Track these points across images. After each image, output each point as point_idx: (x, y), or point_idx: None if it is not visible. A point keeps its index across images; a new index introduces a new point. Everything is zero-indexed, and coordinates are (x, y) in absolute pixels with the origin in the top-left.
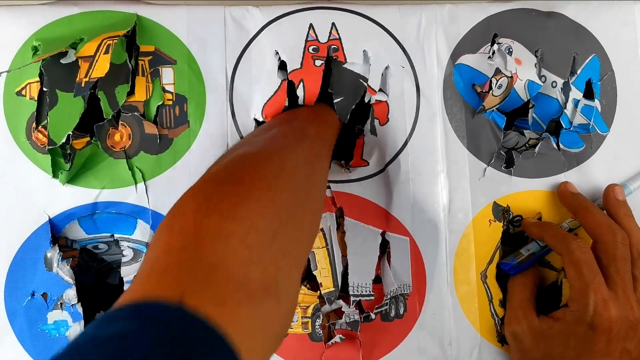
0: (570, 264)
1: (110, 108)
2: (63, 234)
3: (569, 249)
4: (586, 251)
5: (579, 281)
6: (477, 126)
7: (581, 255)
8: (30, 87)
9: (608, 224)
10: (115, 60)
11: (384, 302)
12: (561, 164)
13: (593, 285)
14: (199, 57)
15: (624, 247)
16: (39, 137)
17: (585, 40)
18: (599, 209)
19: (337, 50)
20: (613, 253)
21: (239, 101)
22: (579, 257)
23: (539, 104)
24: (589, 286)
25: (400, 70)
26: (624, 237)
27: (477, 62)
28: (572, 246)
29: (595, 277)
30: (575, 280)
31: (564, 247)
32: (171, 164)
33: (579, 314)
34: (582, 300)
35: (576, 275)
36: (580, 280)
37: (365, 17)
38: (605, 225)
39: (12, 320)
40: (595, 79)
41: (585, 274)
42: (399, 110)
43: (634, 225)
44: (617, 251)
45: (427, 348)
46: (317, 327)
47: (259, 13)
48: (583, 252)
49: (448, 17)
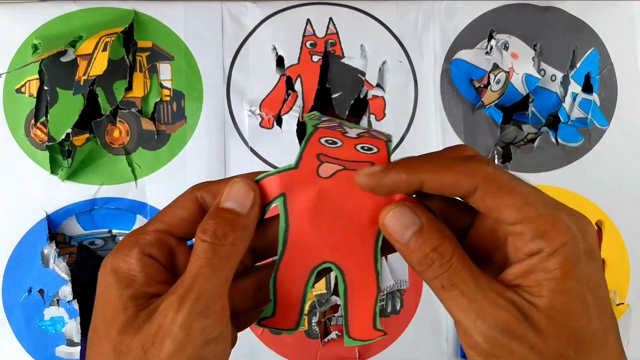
0: (503, 191)
1: (108, 104)
2: (60, 230)
3: (487, 173)
4: (499, 167)
5: (535, 208)
6: (475, 121)
7: (504, 173)
8: (30, 85)
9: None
10: (113, 56)
11: (381, 298)
12: (560, 159)
13: (557, 203)
14: (196, 53)
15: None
16: (38, 133)
17: (585, 34)
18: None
19: (334, 45)
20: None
21: (236, 97)
22: (507, 179)
23: (538, 98)
24: (558, 207)
25: (398, 65)
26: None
27: (475, 57)
28: (488, 169)
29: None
30: (526, 207)
31: (476, 176)
32: (169, 160)
33: (566, 247)
34: (558, 227)
35: (522, 201)
36: (535, 203)
37: (363, 12)
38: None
39: (9, 316)
40: (595, 72)
41: (533, 194)
42: (396, 105)
43: None
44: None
45: (424, 343)
46: (313, 324)
47: (256, 8)
48: (501, 170)
49: (445, 12)
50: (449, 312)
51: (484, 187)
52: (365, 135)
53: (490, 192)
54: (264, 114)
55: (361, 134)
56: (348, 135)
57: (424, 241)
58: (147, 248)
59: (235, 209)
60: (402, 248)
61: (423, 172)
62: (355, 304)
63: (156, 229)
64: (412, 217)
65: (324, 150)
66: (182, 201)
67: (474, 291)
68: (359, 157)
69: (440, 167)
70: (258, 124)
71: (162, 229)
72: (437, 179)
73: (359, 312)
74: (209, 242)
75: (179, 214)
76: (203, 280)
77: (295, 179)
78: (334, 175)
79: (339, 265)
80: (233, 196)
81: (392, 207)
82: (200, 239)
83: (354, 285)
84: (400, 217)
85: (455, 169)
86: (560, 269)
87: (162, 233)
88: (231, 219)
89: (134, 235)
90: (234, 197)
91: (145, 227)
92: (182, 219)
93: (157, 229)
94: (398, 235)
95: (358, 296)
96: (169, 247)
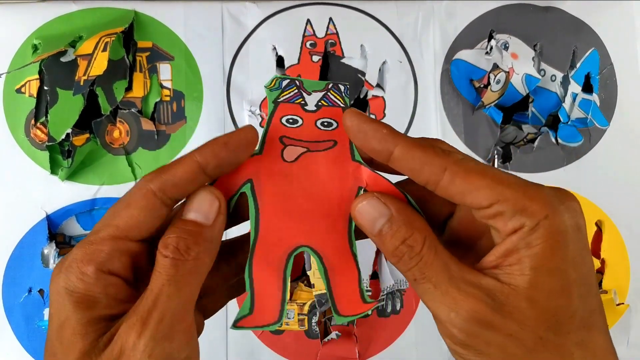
0: (473, 173)
1: (108, 104)
2: (60, 230)
3: (457, 159)
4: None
5: (510, 185)
6: (475, 121)
7: (474, 160)
8: (30, 85)
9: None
10: (113, 56)
11: (381, 298)
12: (560, 159)
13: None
14: (196, 53)
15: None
16: (38, 133)
17: (585, 34)
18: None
19: (334, 45)
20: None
21: (236, 97)
22: (476, 164)
23: (538, 98)
24: (536, 184)
25: (398, 65)
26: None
27: (475, 58)
28: (458, 155)
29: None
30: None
31: (446, 158)
32: (169, 160)
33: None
34: (538, 200)
35: (495, 181)
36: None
37: (363, 12)
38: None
39: (9, 316)
40: (595, 72)
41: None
42: (396, 105)
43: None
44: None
45: (424, 343)
46: (313, 324)
47: (256, 9)
48: (471, 158)
49: (445, 12)
50: (424, 303)
51: (453, 169)
52: (323, 104)
53: (459, 174)
54: (264, 114)
55: (319, 102)
56: (307, 108)
57: (394, 233)
58: (105, 264)
59: (199, 221)
60: (374, 239)
61: (400, 138)
62: (338, 284)
63: (111, 237)
64: (380, 208)
65: (286, 132)
66: (136, 200)
67: (446, 283)
68: (321, 136)
69: (415, 143)
70: (258, 124)
71: (118, 235)
72: (409, 150)
73: (344, 291)
74: (170, 258)
75: (134, 215)
76: (166, 299)
77: (261, 165)
78: (298, 158)
79: (314, 248)
80: (196, 206)
81: (361, 199)
82: (162, 254)
83: (334, 267)
84: (369, 209)
85: (428, 149)
86: (543, 243)
87: (119, 240)
88: (195, 232)
89: (87, 247)
90: (197, 208)
91: (98, 235)
92: (139, 220)
93: (113, 236)
94: (369, 227)
95: (340, 277)
96: (128, 255)
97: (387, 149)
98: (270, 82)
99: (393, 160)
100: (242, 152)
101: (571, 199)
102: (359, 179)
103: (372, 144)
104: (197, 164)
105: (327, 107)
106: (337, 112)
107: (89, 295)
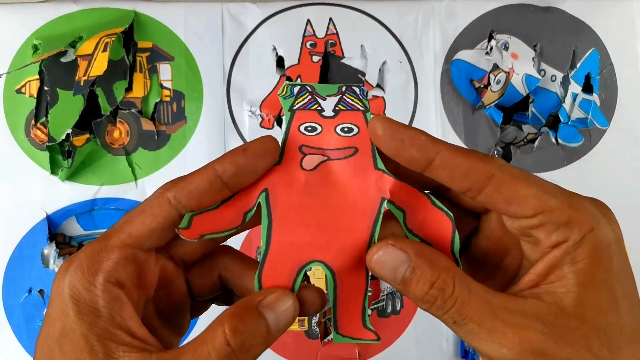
0: (519, 181)
1: (108, 104)
2: (60, 231)
3: (502, 164)
4: (505, 163)
5: (555, 196)
6: (475, 121)
7: (514, 166)
8: (30, 85)
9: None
10: (113, 56)
11: (381, 298)
12: (560, 159)
13: (573, 192)
14: (196, 53)
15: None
16: (38, 134)
17: (585, 34)
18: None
19: (334, 45)
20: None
21: (236, 97)
22: (519, 170)
23: (538, 98)
24: (577, 194)
25: (398, 65)
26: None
27: (475, 58)
28: (500, 161)
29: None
30: (546, 195)
31: (492, 164)
32: (169, 160)
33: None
34: (583, 212)
35: (540, 190)
36: (553, 192)
37: (363, 12)
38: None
39: (9, 317)
40: (595, 73)
41: (547, 184)
42: (396, 105)
43: None
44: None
45: (424, 344)
46: (313, 324)
47: (256, 9)
48: (510, 165)
49: (445, 13)
50: (469, 344)
51: (499, 176)
52: (341, 108)
53: (506, 182)
54: (264, 114)
55: (337, 107)
56: (325, 114)
57: (419, 279)
58: (114, 273)
59: (270, 325)
60: (400, 289)
61: (441, 145)
62: (344, 300)
63: (122, 244)
64: (398, 255)
65: (305, 140)
66: (152, 207)
67: (491, 319)
68: (342, 143)
69: (459, 149)
70: (258, 124)
71: (129, 243)
72: (453, 157)
73: (348, 308)
74: (232, 349)
75: (148, 224)
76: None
77: (279, 174)
78: (318, 166)
79: (329, 264)
80: (278, 312)
81: (376, 250)
82: (226, 338)
83: (344, 282)
84: (387, 259)
85: (471, 155)
86: (588, 258)
87: (129, 248)
88: (264, 336)
89: (97, 253)
90: (277, 314)
91: (109, 241)
92: (152, 230)
93: (124, 243)
94: (390, 278)
95: (347, 293)
96: (136, 264)
97: (428, 157)
98: (282, 90)
99: (433, 169)
100: (262, 160)
101: (610, 210)
102: (382, 189)
103: (411, 152)
104: (214, 171)
105: (346, 111)
106: (358, 116)
107: (94, 307)
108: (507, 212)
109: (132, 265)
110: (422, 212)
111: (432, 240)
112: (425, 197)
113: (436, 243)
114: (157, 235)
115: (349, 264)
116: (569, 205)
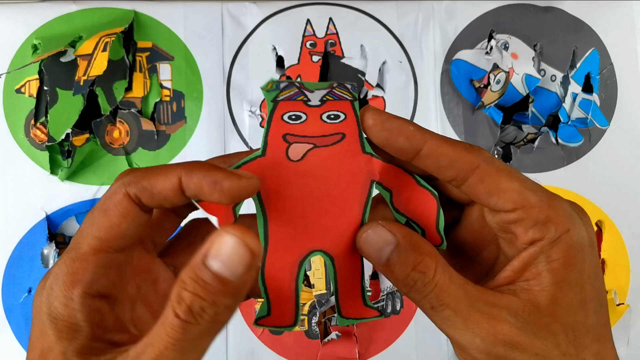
0: (502, 174)
1: (108, 104)
2: (60, 231)
3: (487, 156)
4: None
5: (535, 193)
6: (475, 121)
7: (499, 160)
8: (30, 85)
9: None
10: (112, 56)
11: (381, 298)
12: (560, 159)
13: (553, 192)
14: (196, 53)
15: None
16: (38, 133)
17: (585, 34)
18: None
19: (334, 45)
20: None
21: (236, 97)
22: (503, 164)
23: (538, 98)
24: (556, 195)
25: (398, 65)
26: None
27: (475, 58)
28: (487, 153)
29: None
30: (526, 191)
31: (477, 155)
32: (169, 160)
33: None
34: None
35: (522, 185)
36: (534, 189)
37: (363, 12)
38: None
39: (9, 317)
40: (595, 72)
41: (529, 181)
42: (396, 105)
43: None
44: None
45: (424, 344)
46: (313, 324)
47: (256, 9)
48: (495, 158)
49: (445, 13)
50: (443, 332)
51: (483, 167)
52: (328, 99)
53: (489, 174)
54: (264, 114)
55: (324, 98)
56: (311, 104)
57: (402, 260)
58: (92, 284)
59: (223, 276)
60: (382, 270)
61: (428, 135)
62: (344, 284)
63: (94, 249)
64: (386, 236)
65: (289, 129)
66: (115, 206)
67: (467, 307)
68: (328, 130)
69: (445, 139)
70: (258, 124)
71: (101, 248)
72: (439, 146)
73: (348, 291)
74: (182, 320)
75: (115, 224)
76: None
77: (265, 167)
78: (305, 155)
79: (328, 251)
80: (224, 258)
81: (366, 229)
82: (173, 311)
83: (342, 266)
84: (375, 238)
85: (457, 146)
86: (563, 257)
87: (102, 254)
88: (215, 290)
89: (70, 265)
90: (224, 260)
91: (80, 251)
92: (120, 230)
93: (95, 248)
94: (375, 256)
95: (346, 275)
96: (115, 268)
97: (415, 146)
98: (267, 84)
99: (420, 158)
100: (227, 199)
101: (586, 214)
102: (371, 172)
103: (399, 142)
104: (178, 182)
105: (333, 101)
106: (345, 104)
107: (72, 323)
108: (488, 204)
109: (111, 270)
110: (407, 191)
111: (417, 218)
112: (410, 177)
113: (422, 221)
114: (128, 236)
115: (345, 247)
116: (548, 204)
